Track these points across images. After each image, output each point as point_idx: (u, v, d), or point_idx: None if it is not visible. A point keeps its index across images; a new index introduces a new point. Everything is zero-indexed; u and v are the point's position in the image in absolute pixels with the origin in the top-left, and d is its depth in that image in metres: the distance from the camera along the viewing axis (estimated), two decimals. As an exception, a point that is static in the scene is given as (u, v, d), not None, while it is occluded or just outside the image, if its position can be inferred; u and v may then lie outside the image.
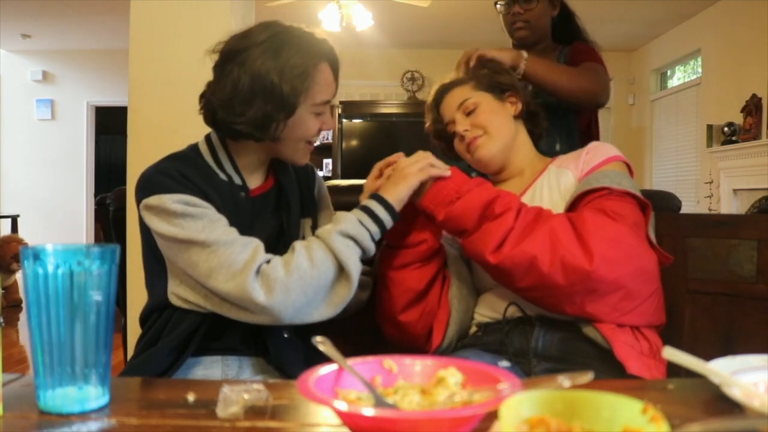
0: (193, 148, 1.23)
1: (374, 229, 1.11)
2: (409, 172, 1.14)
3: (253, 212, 1.21)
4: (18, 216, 6.20)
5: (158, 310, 1.18)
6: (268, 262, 1.07)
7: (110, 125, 8.32)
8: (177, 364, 1.14)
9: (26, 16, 5.98)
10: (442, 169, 1.16)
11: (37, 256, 0.68)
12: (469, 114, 1.33)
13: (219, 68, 1.15)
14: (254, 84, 1.10)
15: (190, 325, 1.13)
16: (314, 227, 1.30)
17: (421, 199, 1.17)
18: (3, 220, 6.33)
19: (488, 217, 1.12)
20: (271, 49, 1.11)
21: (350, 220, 1.10)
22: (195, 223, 1.07)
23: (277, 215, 1.25)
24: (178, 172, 1.12)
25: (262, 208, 1.23)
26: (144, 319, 1.22)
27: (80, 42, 6.91)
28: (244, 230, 1.12)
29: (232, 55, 1.13)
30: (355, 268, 1.08)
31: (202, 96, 1.18)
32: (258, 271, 1.04)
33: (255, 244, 1.08)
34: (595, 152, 1.27)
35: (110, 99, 7.20)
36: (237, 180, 1.20)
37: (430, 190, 1.16)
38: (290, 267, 1.04)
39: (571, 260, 1.06)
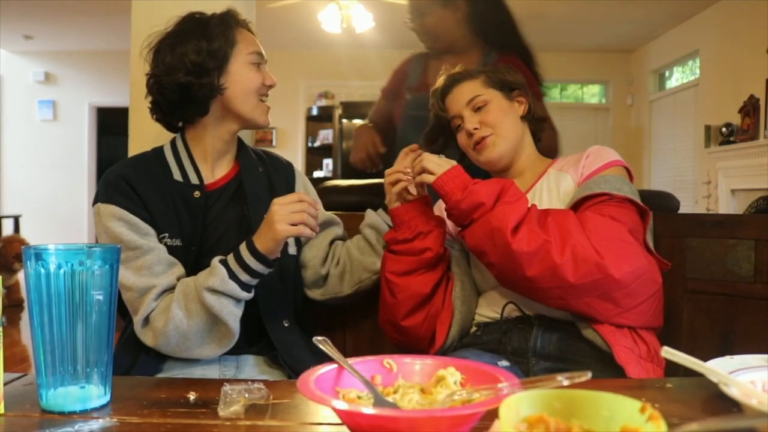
0: (157, 149, 1.29)
1: (245, 278, 1.13)
2: (280, 229, 1.10)
3: (207, 208, 1.24)
4: (20, 216, 6.21)
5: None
6: (155, 308, 1.15)
7: (111, 126, 8.32)
8: (138, 361, 1.17)
9: (28, 18, 5.99)
10: (313, 224, 1.13)
11: (39, 256, 0.68)
12: (477, 110, 1.31)
13: (152, 61, 1.24)
14: (185, 49, 1.20)
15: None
16: None
17: (438, 179, 1.16)
18: (5, 220, 6.33)
19: (504, 199, 1.13)
20: (193, 26, 1.23)
21: (220, 275, 1.12)
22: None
23: (237, 205, 1.27)
24: (124, 180, 1.19)
25: (219, 201, 1.26)
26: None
27: (82, 43, 6.92)
28: (197, 228, 1.21)
29: (157, 45, 1.24)
30: (230, 317, 1.13)
31: (148, 89, 1.25)
32: (146, 320, 1.15)
33: (148, 291, 1.14)
34: (596, 156, 1.26)
35: (111, 100, 7.22)
36: (193, 179, 1.24)
37: (447, 172, 1.16)
38: (167, 317, 1.12)
39: (582, 251, 1.08)
